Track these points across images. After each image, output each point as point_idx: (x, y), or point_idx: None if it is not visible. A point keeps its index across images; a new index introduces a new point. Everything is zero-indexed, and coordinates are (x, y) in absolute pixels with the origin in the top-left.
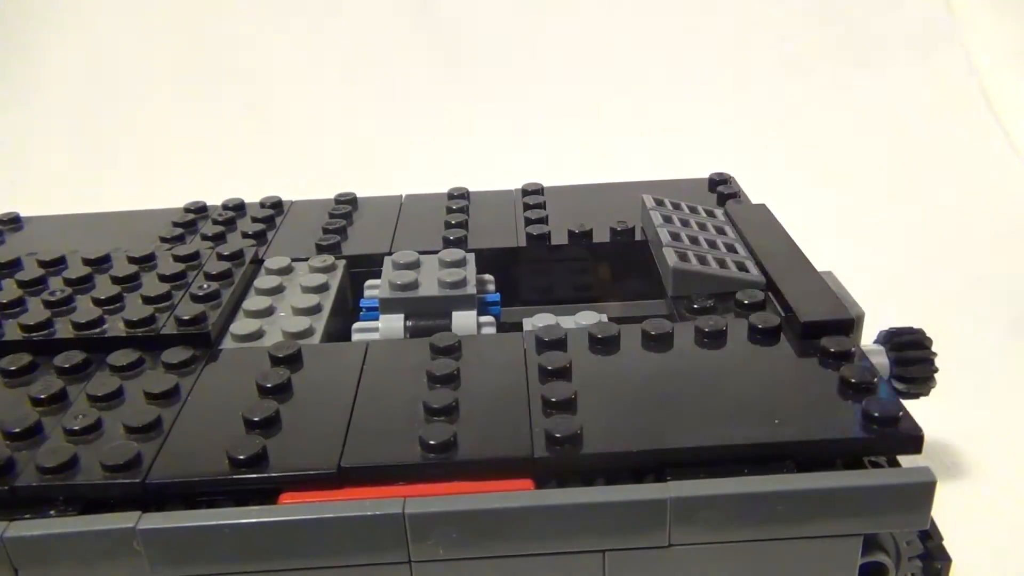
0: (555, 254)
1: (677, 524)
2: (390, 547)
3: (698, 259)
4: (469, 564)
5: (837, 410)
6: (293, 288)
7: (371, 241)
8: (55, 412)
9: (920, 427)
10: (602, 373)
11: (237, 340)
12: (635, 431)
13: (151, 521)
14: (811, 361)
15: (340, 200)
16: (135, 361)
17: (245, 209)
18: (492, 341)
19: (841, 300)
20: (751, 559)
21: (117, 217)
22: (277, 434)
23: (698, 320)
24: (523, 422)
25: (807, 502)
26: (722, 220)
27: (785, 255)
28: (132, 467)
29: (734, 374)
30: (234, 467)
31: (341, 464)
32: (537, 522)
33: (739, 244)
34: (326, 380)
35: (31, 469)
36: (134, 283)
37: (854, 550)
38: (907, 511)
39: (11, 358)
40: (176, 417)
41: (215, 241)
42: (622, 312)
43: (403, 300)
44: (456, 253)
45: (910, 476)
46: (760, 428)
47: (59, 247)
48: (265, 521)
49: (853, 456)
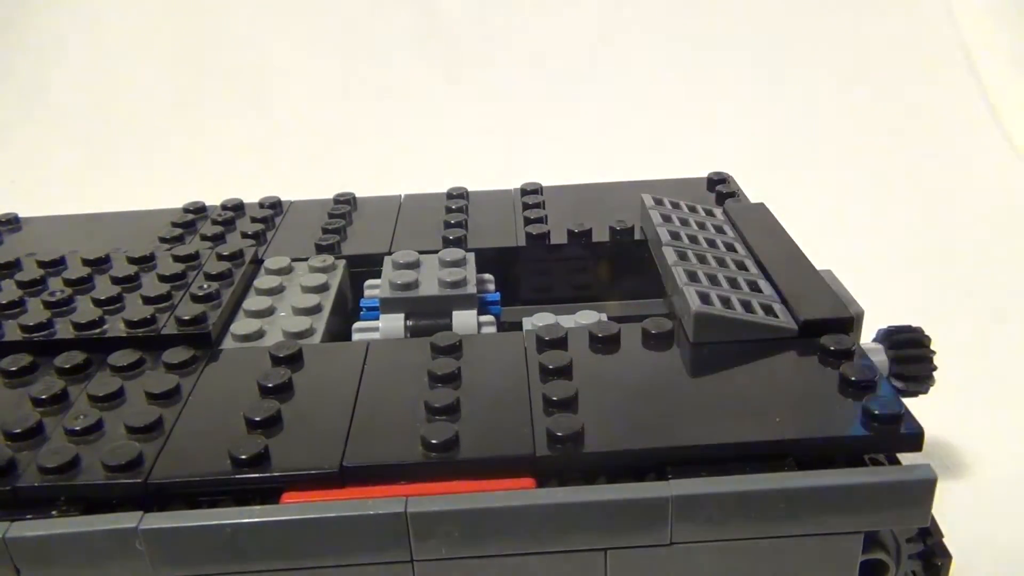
0: (554, 253)
1: (678, 522)
2: (392, 546)
3: (722, 301)
4: (471, 563)
5: (838, 408)
6: (293, 288)
7: (371, 241)
8: (56, 413)
9: (920, 425)
10: (603, 372)
11: (238, 340)
12: (636, 429)
13: (153, 521)
14: (811, 359)
15: (339, 200)
16: (136, 361)
17: (244, 209)
18: (492, 340)
19: (840, 298)
20: (752, 557)
21: (116, 217)
22: (279, 434)
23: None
24: (524, 421)
25: (808, 500)
26: (721, 219)
27: (784, 254)
28: (134, 467)
29: (735, 372)
30: (236, 467)
31: (343, 464)
32: (539, 521)
33: (738, 243)
34: (327, 380)
35: (33, 469)
36: (134, 283)
37: (855, 547)
38: (907, 509)
39: (11, 359)
40: (177, 417)
41: (214, 241)
42: (621, 311)
43: (403, 300)
44: (456, 253)
45: (910, 474)
46: (761, 426)
47: (58, 247)
48: (267, 521)
49: (854, 454)
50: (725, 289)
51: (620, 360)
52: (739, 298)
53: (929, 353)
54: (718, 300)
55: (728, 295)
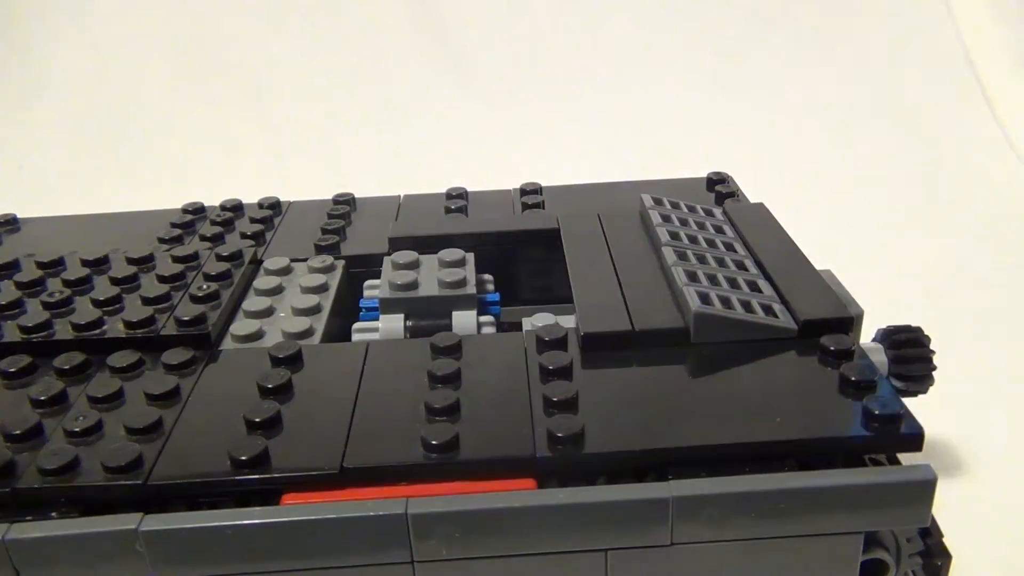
0: (555, 253)
1: (679, 523)
2: (393, 547)
3: (721, 301)
4: (472, 564)
5: (838, 408)
6: (292, 289)
7: (370, 241)
8: (55, 414)
9: (921, 425)
10: (603, 372)
11: (237, 341)
12: (637, 430)
13: (153, 523)
14: (811, 359)
15: (338, 200)
16: (135, 362)
17: (243, 210)
18: (493, 341)
19: (840, 298)
20: (753, 557)
21: (114, 218)
22: (279, 435)
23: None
24: (525, 422)
25: (808, 500)
26: (720, 219)
27: (783, 254)
28: (134, 468)
29: (735, 372)
30: (236, 468)
31: (343, 464)
32: (539, 522)
33: (738, 243)
34: (327, 380)
35: (32, 471)
36: (133, 284)
37: (855, 547)
38: (908, 509)
39: (10, 360)
40: (177, 418)
41: (213, 242)
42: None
43: (403, 300)
44: (456, 253)
45: (911, 474)
46: (761, 426)
47: (57, 248)
48: (268, 522)
49: (854, 454)
50: (725, 289)
51: (620, 360)
52: (739, 298)
53: (928, 353)
54: (718, 300)
55: (728, 295)
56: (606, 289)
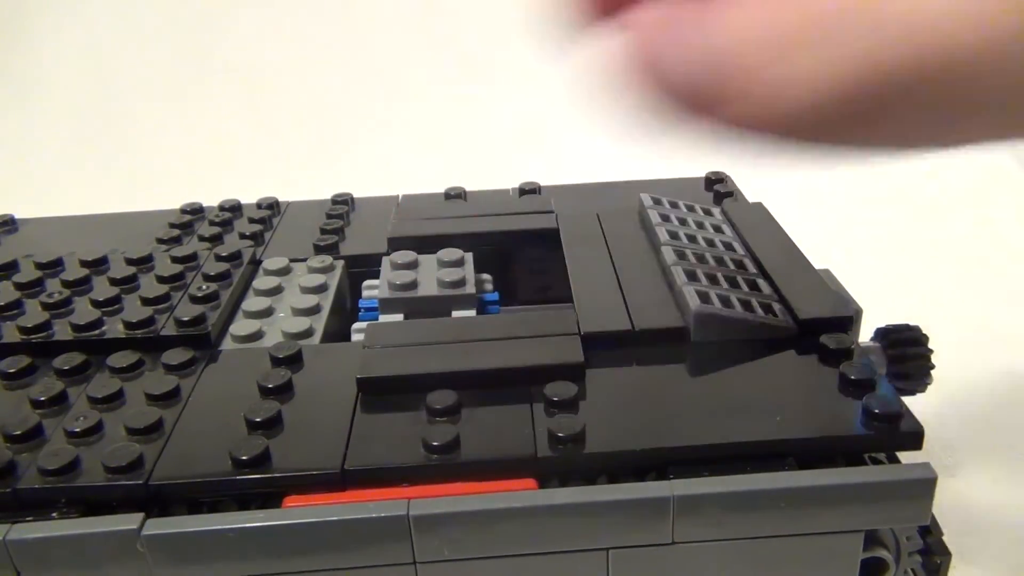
0: (554, 252)
1: (680, 521)
2: (395, 548)
3: (721, 300)
4: (474, 564)
5: (838, 407)
6: (292, 289)
7: (369, 241)
8: (56, 414)
9: (920, 424)
10: (603, 372)
11: (237, 341)
12: (637, 430)
13: (155, 526)
14: (811, 358)
15: (337, 201)
16: (135, 363)
17: (242, 210)
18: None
19: (839, 297)
20: (754, 555)
21: (113, 219)
22: (279, 435)
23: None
24: (526, 422)
25: (809, 499)
26: (719, 219)
27: (782, 253)
28: (134, 468)
29: (735, 371)
30: (237, 468)
31: (344, 467)
32: (541, 521)
33: (737, 243)
34: (327, 380)
35: (33, 471)
36: (132, 284)
37: (855, 546)
38: (908, 507)
39: (10, 360)
40: (177, 418)
41: (212, 242)
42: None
43: (402, 300)
44: (455, 252)
45: (911, 472)
46: (761, 425)
47: (56, 249)
48: (269, 524)
49: (854, 453)
50: (724, 288)
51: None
52: (738, 297)
53: (926, 351)
54: (717, 299)
55: (727, 294)
56: (605, 288)
